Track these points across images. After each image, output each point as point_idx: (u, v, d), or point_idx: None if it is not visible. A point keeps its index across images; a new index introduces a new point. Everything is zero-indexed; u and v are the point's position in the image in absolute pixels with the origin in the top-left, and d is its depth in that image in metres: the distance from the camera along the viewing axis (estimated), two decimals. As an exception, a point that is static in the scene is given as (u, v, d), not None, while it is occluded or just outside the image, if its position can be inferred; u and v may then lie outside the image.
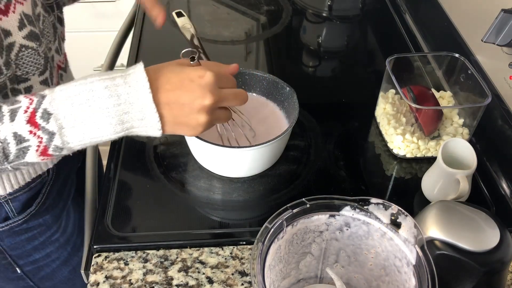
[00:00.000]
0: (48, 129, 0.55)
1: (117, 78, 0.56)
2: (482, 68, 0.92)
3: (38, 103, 0.55)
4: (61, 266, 0.88)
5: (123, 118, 0.57)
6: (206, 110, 0.60)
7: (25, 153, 0.56)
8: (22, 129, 0.55)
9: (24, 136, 0.55)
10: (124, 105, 0.56)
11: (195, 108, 0.59)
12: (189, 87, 0.59)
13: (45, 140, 0.56)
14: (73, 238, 0.88)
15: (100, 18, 1.69)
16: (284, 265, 0.63)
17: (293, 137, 0.89)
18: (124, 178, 0.85)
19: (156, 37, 1.17)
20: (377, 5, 1.37)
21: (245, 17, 1.30)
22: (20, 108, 0.55)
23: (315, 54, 1.23)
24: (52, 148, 0.56)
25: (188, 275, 0.72)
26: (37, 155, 0.57)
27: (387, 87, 0.96)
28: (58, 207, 0.84)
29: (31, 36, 0.65)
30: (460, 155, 0.80)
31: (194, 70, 0.60)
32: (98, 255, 0.74)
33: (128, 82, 0.56)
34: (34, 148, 0.56)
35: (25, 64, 0.66)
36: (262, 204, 0.83)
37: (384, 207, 0.60)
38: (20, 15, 0.63)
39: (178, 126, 0.60)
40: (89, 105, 0.55)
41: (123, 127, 0.57)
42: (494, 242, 0.61)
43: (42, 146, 0.56)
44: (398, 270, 0.60)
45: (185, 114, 0.59)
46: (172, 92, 0.58)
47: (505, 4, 0.80)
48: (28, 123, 0.55)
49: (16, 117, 0.55)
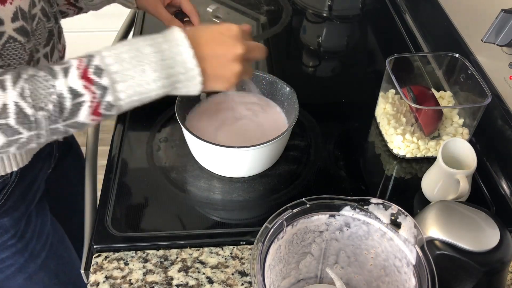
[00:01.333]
0: (101, 83, 0.57)
1: (158, 38, 0.61)
2: (482, 68, 0.92)
3: (88, 61, 0.58)
4: (16, 273, 0.85)
5: (169, 72, 0.60)
6: (239, 59, 0.64)
7: (79, 109, 0.57)
8: (76, 84, 0.57)
9: (79, 90, 0.57)
10: (168, 60, 0.60)
11: (230, 57, 0.64)
12: (221, 40, 0.64)
13: (98, 95, 0.57)
14: (31, 245, 0.84)
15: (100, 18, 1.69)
16: (284, 265, 0.63)
17: (293, 137, 0.89)
18: (124, 178, 0.85)
19: (156, 37, 1.17)
20: (377, 5, 1.37)
21: (245, 17, 1.30)
22: (72, 66, 0.57)
23: (315, 54, 1.23)
24: (104, 105, 0.58)
25: (188, 275, 0.72)
26: (89, 113, 0.58)
27: (387, 87, 0.96)
28: (18, 211, 0.81)
29: (21, 30, 0.66)
30: (460, 155, 0.80)
31: (221, 25, 0.65)
32: (98, 255, 0.74)
33: (169, 40, 0.61)
34: (88, 103, 0.57)
35: (9, 56, 0.66)
36: (262, 204, 0.83)
37: (384, 207, 0.60)
38: (16, 8, 0.64)
39: (215, 79, 0.64)
40: (137, 60, 0.58)
41: (169, 81, 0.61)
42: (494, 242, 0.61)
43: (95, 101, 0.58)
44: (398, 270, 0.60)
45: (222, 65, 0.64)
46: (207, 46, 0.63)
47: (505, 4, 0.80)
48: (82, 78, 0.57)
49: (69, 73, 0.57)
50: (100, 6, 0.91)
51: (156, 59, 0.59)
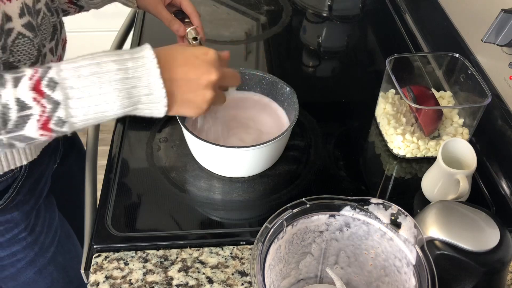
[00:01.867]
0: (53, 98, 0.54)
1: (125, 54, 0.57)
2: (482, 68, 0.92)
3: (43, 72, 0.54)
4: (26, 266, 0.85)
5: (130, 92, 0.56)
6: (212, 85, 0.62)
7: (25, 122, 0.54)
8: (25, 96, 0.53)
9: (27, 103, 0.53)
10: (132, 79, 0.56)
11: (201, 83, 0.61)
12: (195, 64, 0.61)
13: (49, 110, 0.54)
14: (41, 238, 0.85)
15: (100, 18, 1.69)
16: (284, 265, 0.63)
17: (293, 137, 0.89)
18: (124, 178, 0.85)
19: (156, 37, 1.17)
20: (377, 5, 1.37)
21: (245, 17, 1.30)
22: (25, 76, 0.54)
23: (315, 54, 1.23)
24: (55, 121, 0.55)
25: (188, 275, 0.72)
26: (37, 127, 0.55)
27: (387, 87, 0.96)
28: (28, 205, 0.81)
29: (29, 26, 0.66)
30: (460, 155, 0.80)
31: (198, 48, 0.62)
32: (98, 255, 0.74)
33: (136, 58, 0.57)
34: (36, 117, 0.54)
35: (18, 52, 0.65)
36: (262, 204, 0.83)
37: (384, 207, 0.60)
38: (22, 3, 0.64)
39: (184, 104, 0.61)
40: (97, 76, 0.55)
41: (130, 102, 0.57)
42: (494, 242, 0.61)
43: (44, 116, 0.54)
44: (398, 270, 0.60)
45: (192, 90, 0.61)
46: (179, 68, 0.60)
47: (505, 4, 0.80)
48: (32, 90, 0.53)
49: (20, 83, 0.53)
50: (101, 5, 0.91)
51: (118, 77, 0.55)
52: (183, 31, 0.88)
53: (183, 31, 0.88)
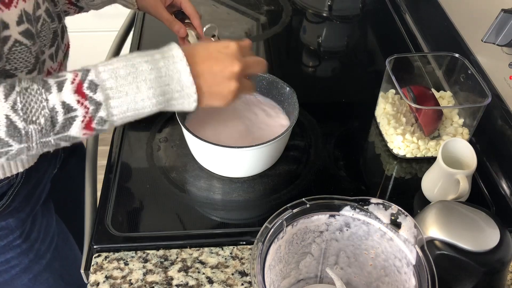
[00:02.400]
0: (95, 99, 0.57)
1: (156, 54, 0.61)
2: (482, 68, 0.92)
3: (83, 75, 0.57)
4: (20, 273, 0.84)
5: (164, 90, 0.60)
6: (236, 76, 0.64)
7: (71, 124, 0.57)
8: (70, 99, 0.56)
9: (72, 105, 0.57)
10: (165, 77, 0.60)
11: (226, 75, 0.64)
12: (218, 57, 0.64)
13: (91, 111, 0.57)
14: (36, 245, 0.85)
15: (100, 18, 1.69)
16: (284, 265, 0.63)
17: (293, 137, 0.89)
18: (124, 178, 0.85)
19: (156, 37, 1.17)
20: (377, 5, 1.37)
21: (245, 17, 1.30)
22: (66, 80, 0.57)
23: (315, 54, 1.23)
24: (97, 120, 0.58)
25: (188, 275, 0.72)
26: (81, 127, 0.58)
27: (387, 87, 0.96)
28: (24, 212, 0.81)
29: (27, 33, 0.66)
30: (460, 155, 0.80)
31: (219, 43, 0.65)
32: (98, 255, 0.74)
33: (166, 57, 0.60)
34: (80, 118, 0.57)
35: (15, 60, 0.66)
36: (262, 204, 0.83)
37: (384, 207, 0.60)
38: (21, 11, 0.64)
39: (211, 96, 0.65)
40: (133, 77, 0.58)
41: (164, 98, 0.61)
42: (494, 242, 0.61)
43: (88, 116, 0.57)
44: (398, 271, 0.60)
45: (218, 83, 0.64)
46: (204, 63, 0.63)
47: (505, 4, 0.80)
48: (75, 93, 0.57)
49: (64, 87, 0.56)
50: (101, 6, 0.91)
51: (152, 76, 0.59)
52: (184, 32, 0.89)
53: (183, 32, 0.89)
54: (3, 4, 0.61)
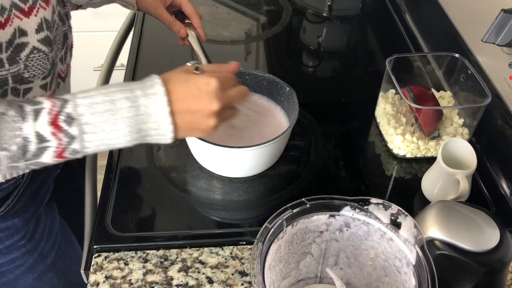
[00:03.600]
0: (70, 132, 0.57)
1: (137, 90, 0.60)
2: (482, 68, 0.92)
3: (61, 106, 0.57)
4: (25, 273, 0.85)
5: (141, 127, 0.60)
6: (215, 114, 0.63)
7: (42, 153, 0.58)
8: (44, 130, 0.56)
9: (46, 136, 0.57)
10: (143, 115, 0.59)
11: (205, 114, 0.62)
12: (197, 95, 0.62)
13: (65, 143, 0.58)
14: (40, 245, 0.85)
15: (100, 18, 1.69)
16: (284, 265, 0.63)
17: (293, 137, 0.89)
18: (124, 178, 0.85)
19: (156, 37, 1.17)
20: (377, 5, 1.37)
21: (245, 17, 1.30)
22: (44, 109, 0.57)
23: (315, 54, 1.23)
24: (69, 152, 0.59)
25: (188, 275, 0.72)
26: (52, 156, 0.58)
27: (387, 87, 0.96)
28: (29, 211, 0.81)
29: (45, 40, 0.67)
30: (460, 155, 0.80)
31: (200, 78, 0.63)
32: (98, 255, 0.74)
33: (147, 94, 0.60)
34: (53, 149, 0.58)
35: (33, 67, 0.67)
36: (262, 204, 0.83)
37: (384, 207, 0.60)
38: (41, 19, 0.65)
39: (189, 131, 0.64)
40: (111, 113, 0.58)
41: (139, 135, 0.60)
42: (494, 242, 0.61)
43: (61, 148, 0.58)
44: (398, 271, 0.60)
45: (196, 121, 0.63)
46: (183, 102, 0.61)
47: (505, 4, 0.80)
48: (51, 124, 0.57)
49: (40, 117, 0.56)
50: (99, 5, 0.91)
51: (130, 114, 0.59)
52: (184, 32, 0.89)
53: (184, 32, 0.89)
54: (22, 13, 0.62)
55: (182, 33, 0.89)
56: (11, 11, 0.61)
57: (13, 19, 0.61)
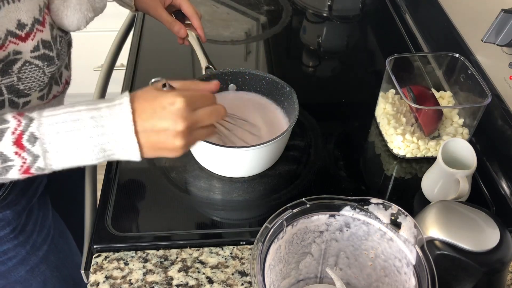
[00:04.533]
0: (33, 152, 0.58)
1: (103, 109, 0.59)
2: (482, 68, 0.92)
3: (25, 125, 0.58)
4: (17, 265, 0.85)
5: (105, 147, 0.59)
6: (181, 134, 0.61)
7: (7, 171, 0.59)
8: (8, 150, 0.57)
9: (9, 156, 0.57)
10: (108, 135, 0.59)
11: (170, 134, 0.61)
12: (161, 115, 0.60)
13: (29, 161, 0.58)
14: (32, 238, 0.85)
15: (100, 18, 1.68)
16: (284, 265, 0.63)
17: (293, 137, 0.89)
18: (124, 178, 0.85)
19: (156, 37, 1.17)
20: (377, 5, 1.37)
21: (245, 17, 1.30)
22: (8, 129, 0.57)
23: (315, 54, 1.23)
24: (35, 169, 0.59)
25: (188, 275, 0.72)
26: (19, 174, 0.59)
27: (387, 87, 0.96)
28: (20, 204, 0.81)
29: (42, 57, 0.67)
30: (460, 155, 0.80)
31: (166, 97, 0.61)
32: (98, 255, 0.74)
33: (113, 113, 0.59)
34: (17, 167, 0.58)
35: (27, 79, 0.68)
36: (262, 204, 0.83)
37: (384, 207, 0.60)
38: (38, 41, 0.65)
39: (157, 151, 0.62)
40: (74, 133, 0.58)
41: (104, 154, 0.60)
42: (494, 242, 0.61)
43: (25, 166, 0.59)
44: (398, 271, 0.60)
45: (162, 140, 0.61)
46: (147, 121, 0.60)
47: (505, 4, 0.80)
48: (14, 144, 0.57)
49: (4, 137, 0.57)
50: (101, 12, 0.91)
51: (94, 134, 0.58)
52: (184, 32, 0.89)
53: (183, 32, 0.89)
54: (19, 39, 0.63)
55: (182, 33, 0.89)
56: (6, 39, 0.61)
57: (8, 45, 0.62)
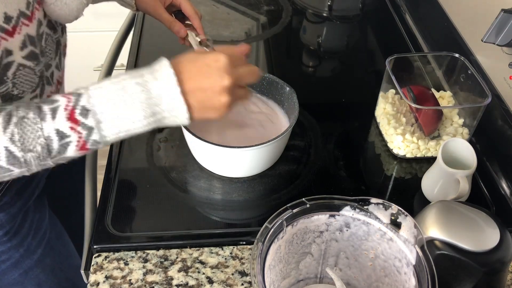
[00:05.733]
0: (87, 124, 0.59)
1: (146, 75, 0.61)
2: (482, 68, 0.92)
3: (76, 101, 0.59)
4: (11, 268, 0.84)
5: (155, 110, 0.61)
6: (227, 90, 0.63)
7: (66, 149, 0.60)
8: (63, 126, 0.59)
9: (65, 132, 0.59)
10: (155, 98, 0.60)
11: (216, 90, 0.63)
12: (207, 72, 0.62)
13: (85, 135, 0.60)
14: (27, 241, 0.84)
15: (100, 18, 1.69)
16: (284, 265, 0.63)
17: (293, 137, 0.89)
18: (124, 178, 0.85)
19: (156, 37, 1.17)
20: (377, 5, 1.37)
21: (245, 17, 1.30)
22: (60, 106, 0.59)
23: (315, 54, 1.23)
24: (91, 143, 0.61)
25: (188, 275, 0.72)
26: (76, 149, 0.61)
27: (387, 87, 0.96)
28: (15, 207, 0.81)
29: (30, 56, 0.67)
30: (460, 155, 0.80)
31: (209, 55, 0.64)
32: (98, 255, 0.74)
33: (157, 77, 0.61)
34: (75, 143, 0.60)
35: (21, 83, 0.68)
36: (262, 204, 0.83)
37: (384, 207, 0.60)
38: (24, 36, 0.65)
39: (204, 111, 0.64)
40: (123, 100, 0.60)
41: (155, 118, 0.62)
42: (494, 242, 0.61)
43: (81, 141, 0.60)
44: (398, 271, 0.60)
45: (209, 98, 0.63)
46: (193, 80, 0.62)
47: (505, 4, 0.80)
48: (68, 120, 0.59)
49: (57, 114, 0.59)
50: (98, 1, 0.90)
51: (142, 98, 0.60)
52: (184, 32, 0.89)
53: (184, 32, 0.89)
54: (7, 34, 0.62)
55: (182, 33, 0.89)
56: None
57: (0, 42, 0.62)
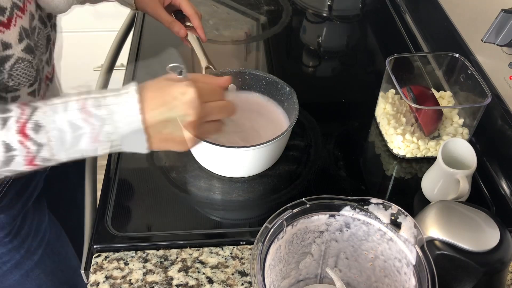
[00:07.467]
0: (37, 140, 0.56)
1: (109, 98, 0.57)
2: (482, 68, 0.92)
3: (30, 114, 0.56)
4: (12, 269, 0.84)
5: (111, 137, 0.58)
6: (190, 126, 0.60)
7: (11, 161, 0.57)
8: (12, 138, 0.56)
9: (12, 145, 0.56)
10: (114, 124, 0.57)
11: (178, 124, 0.59)
12: (172, 105, 0.58)
13: (33, 151, 0.56)
14: (27, 242, 0.84)
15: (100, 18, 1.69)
16: (284, 265, 0.63)
17: (293, 137, 0.89)
18: (124, 178, 0.85)
19: (156, 37, 1.17)
20: (377, 5, 1.37)
21: (245, 17, 1.30)
22: (12, 117, 0.56)
23: (315, 54, 1.23)
24: (40, 159, 0.57)
25: (188, 275, 0.72)
26: (23, 164, 0.58)
27: (387, 87, 0.96)
28: (15, 208, 0.81)
29: (28, 49, 0.66)
30: (460, 155, 0.80)
31: (178, 87, 0.59)
32: (98, 255, 0.74)
33: (119, 102, 0.57)
34: (22, 157, 0.57)
35: (18, 76, 0.67)
36: (262, 204, 0.83)
37: (384, 207, 0.60)
38: (20, 28, 0.64)
39: (164, 143, 0.61)
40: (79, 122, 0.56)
41: (110, 145, 0.58)
42: (494, 242, 0.61)
43: (29, 156, 0.57)
44: (398, 271, 0.60)
45: (170, 131, 0.60)
46: (157, 110, 0.58)
47: (505, 4, 0.80)
48: (18, 133, 0.55)
49: (7, 125, 0.55)
50: (98, 1, 0.90)
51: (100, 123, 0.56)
52: (184, 32, 0.89)
53: (183, 32, 0.89)
54: (3, 26, 0.61)
55: (182, 33, 0.89)
56: None
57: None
